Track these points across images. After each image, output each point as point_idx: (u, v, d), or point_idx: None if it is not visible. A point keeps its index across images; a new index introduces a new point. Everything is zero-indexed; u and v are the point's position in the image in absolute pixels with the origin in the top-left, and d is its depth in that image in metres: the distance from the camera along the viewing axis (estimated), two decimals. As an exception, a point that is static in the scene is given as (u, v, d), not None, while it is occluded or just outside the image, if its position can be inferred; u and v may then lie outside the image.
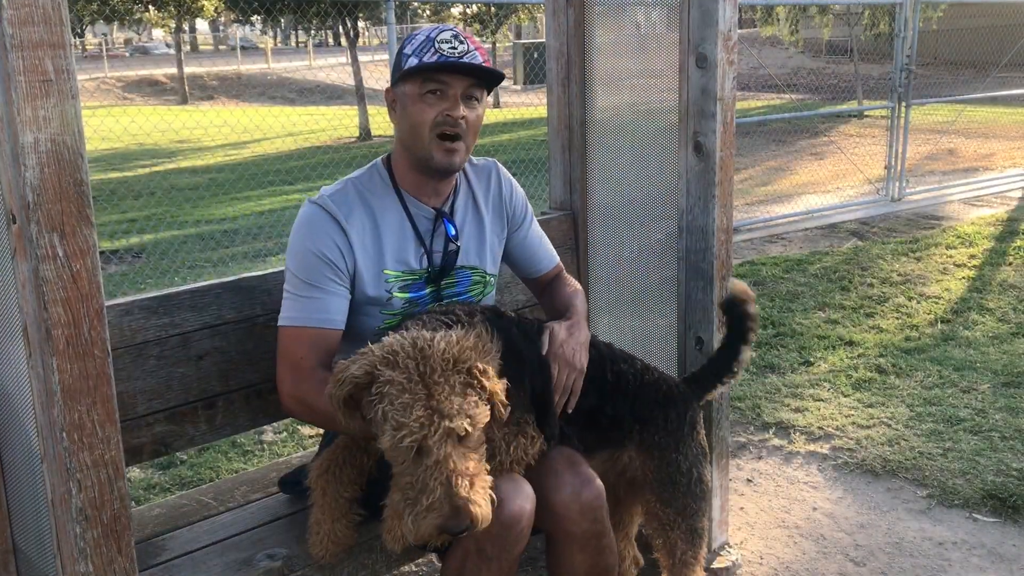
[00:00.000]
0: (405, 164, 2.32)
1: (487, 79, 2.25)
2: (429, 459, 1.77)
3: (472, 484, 1.79)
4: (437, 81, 2.19)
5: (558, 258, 2.68)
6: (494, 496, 1.84)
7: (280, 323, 2.22)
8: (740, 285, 2.55)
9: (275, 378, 2.26)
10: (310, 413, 2.22)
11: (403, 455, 1.80)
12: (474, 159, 2.51)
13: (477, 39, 2.29)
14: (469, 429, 1.80)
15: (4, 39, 1.52)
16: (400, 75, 2.23)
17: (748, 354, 2.56)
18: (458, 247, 2.37)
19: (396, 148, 2.34)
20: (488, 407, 1.88)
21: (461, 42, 2.20)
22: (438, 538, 1.80)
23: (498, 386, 1.91)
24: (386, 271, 2.27)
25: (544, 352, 2.24)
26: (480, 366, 1.87)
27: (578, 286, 2.64)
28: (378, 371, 1.83)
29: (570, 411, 2.26)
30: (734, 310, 2.54)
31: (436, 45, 2.18)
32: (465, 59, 2.18)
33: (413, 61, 2.19)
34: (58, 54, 1.57)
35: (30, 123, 1.56)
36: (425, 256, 2.33)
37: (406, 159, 2.31)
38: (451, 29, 2.23)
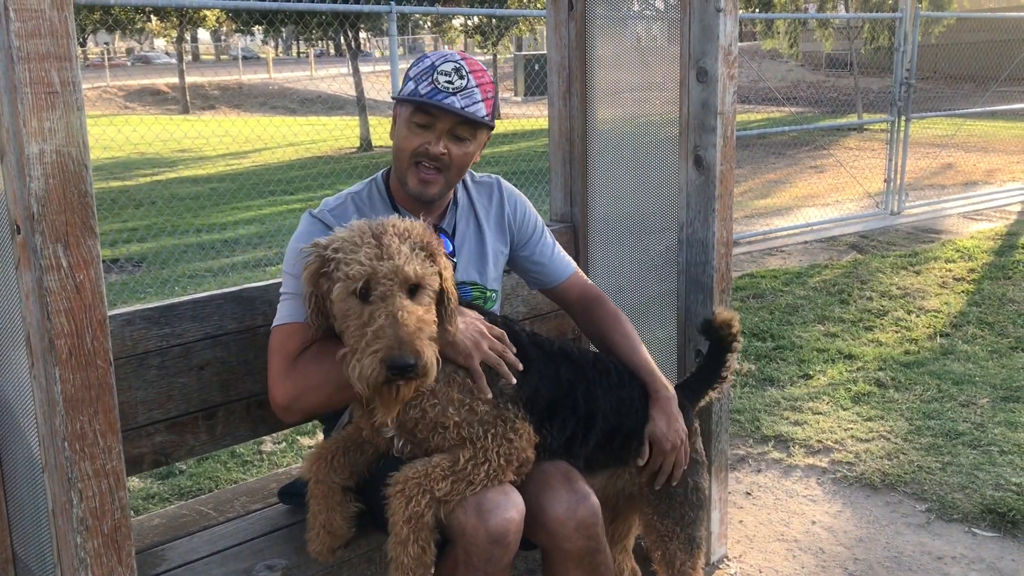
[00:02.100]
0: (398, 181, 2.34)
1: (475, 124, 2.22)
2: (376, 293, 1.86)
3: (419, 326, 1.85)
4: (426, 113, 2.18)
5: (574, 265, 2.61)
6: (438, 356, 1.88)
7: (275, 324, 2.18)
8: (726, 315, 2.51)
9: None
10: (308, 391, 2.08)
11: (353, 303, 1.89)
12: (476, 175, 2.52)
13: (486, 73, 2.24)
14: (417, 273, 1.90)
15: (11, 51, 1.53)
16: (398, 97, 2.24)
17: (734, 361, 2.56)
18: (455, 262, 2.37)
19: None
20: (438, 278, 1.97)
21: (461, 76, 2.17)
22: (383, 380, 1.81)
23: (448, 271, 2.02)
24: None
25: (642, 463, 2.35)
26: (432, 241, 1.99)
27: (627, 321, 2.53)
28: (340, 234, 1.96)
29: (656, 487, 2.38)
30: (717, 333, 2.53)
31: (434, 75, 2.16)
32: (459, 95, 2.16)
33: (411, 86, 2.20)
34: (64, 66, 1.58)
35: (36, 134, 1.57)
36: None
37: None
38: (455, 60, 2.19)
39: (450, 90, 2.16)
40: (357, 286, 1.87)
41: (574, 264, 2.61)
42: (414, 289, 1.91)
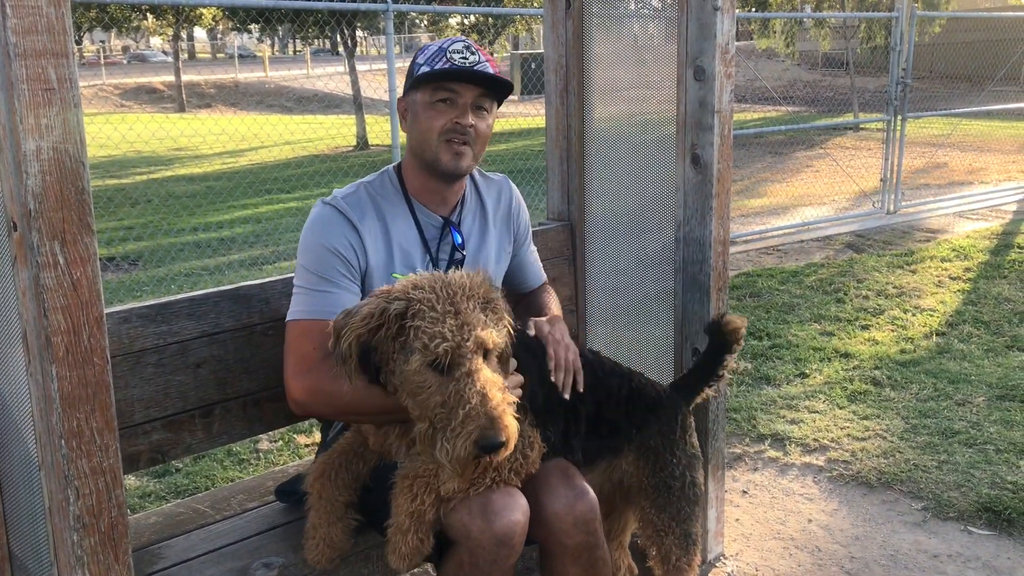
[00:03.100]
0: (415, 171, 2.35)
1: (497, 89, 2.28)
2: (462, 369, 1.80)
3: (505, 399, 1.82)
4: (447, 90, 2.22)
5: (545, 276, 2.74)
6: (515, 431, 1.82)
7: (289, 318, 2.20)
8: (737, 323, 2.50)
9: (273, 388, 2.24)
10: (326, 400, 2.13)
11: (430, 375, 1.82)
12: (487, 173, 2.55)
13: (488, 52, 2.31)
14: (495, 341, 1.86)
15: (8, 47, 1.53)
16: (412, 83, 2.27)
17: (732, 361, 2.57)
18: (463, 256, 2.38)
19: (407, 156, 2.37)
20: (504, 340, 1.93)
21: (472, 53, 2.24)
22: (473, 462, 1.78)
23: (507, 319, 1.97)
24: (395, 275, 2.28)
25: (532, 333, 2.32)
26: (492, 294, 1.95)
27: (553, 293, 2.72)
28: (412, 294, 1.87)
29: (579, 389, 2.29)
30: (723, 338, 2.53)
31: (448, 55, 2.22)
32: (476, 69, 2.21)
33: (424, 70, 2.23)
34: (61, 63, 1.58)
35: (32, 131, 1.57)
36: (431, 263, 2.34)
37: (416, 166, 2.33)
38: (463, 40, 2.26)
39: (466, 64, 2.21)
40: (443, 362, 1.81)
41: (544, 275, 2.75)
42: (487, 353, 1.87)
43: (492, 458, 1.80)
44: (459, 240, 2.38)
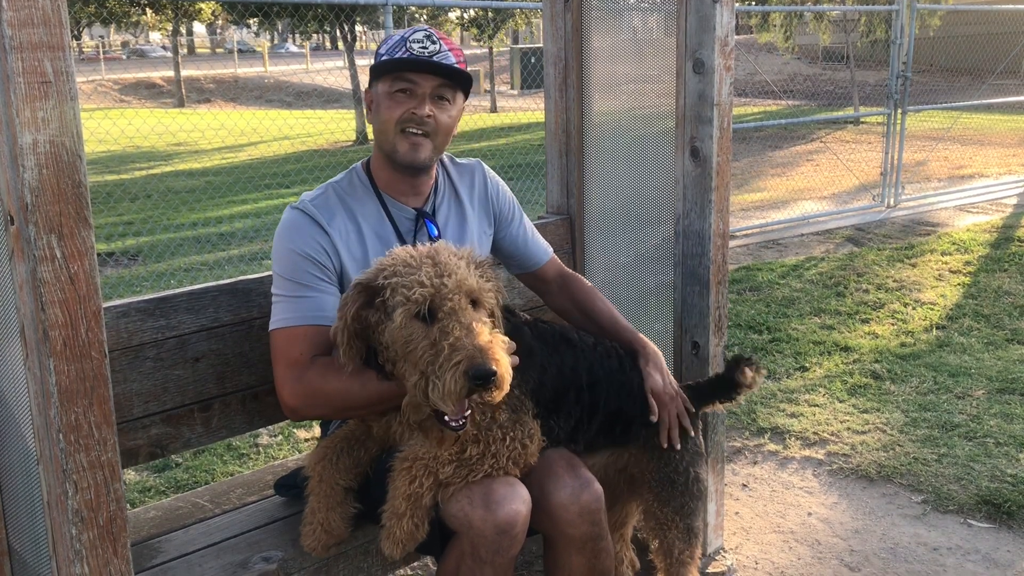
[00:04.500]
0: (381, 164, 2.33)
1: (457, 79, 2.25)
2: (444, 310, 1.81)
3: (493, 335, 1.81)
4: (406, 80, 2.20)
5: (551, 250, 2.69)
6: (509, 373, 1.82)
7: (272, 327, 2.18)
8: (753, 377, 2.51)
9: (272, 382, 2.20)
10: (321, 401, 2.12)
11: (416, 326, 1.82)
12: (458, 159, 2.53)
13: (453, 41, 2.31)
14: (481, 285, 1.86)
15: (3, 40, 1.52)
16: (373, 74, 2.26)
17: (746, 396, 2.59)
18: None
19: (374, 149, 2.36)
20: (494, 297, 1.93)
21: (433, 42, 2.22)
22: (466, 393, 1.77)
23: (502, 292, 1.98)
24: None
25: (655, 419, 2.38)
26: (484, 260, 1.97)
27: (601, 296, 2.64)
28: (383, 262, 1.91)
29: (676, 446, 2.40)
30: (735, 381, 2.53)
31: (408, 44, 2.20)
32: (435, 59, 2.20)
33: (385, 60, 2.22)
34: (57, 56, 1.57)
35: (29, 124, 1.56)
36: None
37: (381, 159, 2.32)
38: (424, 29, 2.25)
39: (425, 54, 2.19)
40: (423, 309, 1.81)
41: (551, 248, 2.70)
42: (475, 303, 1.87)
43: (485, 394, 1.79)
44: (435, 232, 2.36)
